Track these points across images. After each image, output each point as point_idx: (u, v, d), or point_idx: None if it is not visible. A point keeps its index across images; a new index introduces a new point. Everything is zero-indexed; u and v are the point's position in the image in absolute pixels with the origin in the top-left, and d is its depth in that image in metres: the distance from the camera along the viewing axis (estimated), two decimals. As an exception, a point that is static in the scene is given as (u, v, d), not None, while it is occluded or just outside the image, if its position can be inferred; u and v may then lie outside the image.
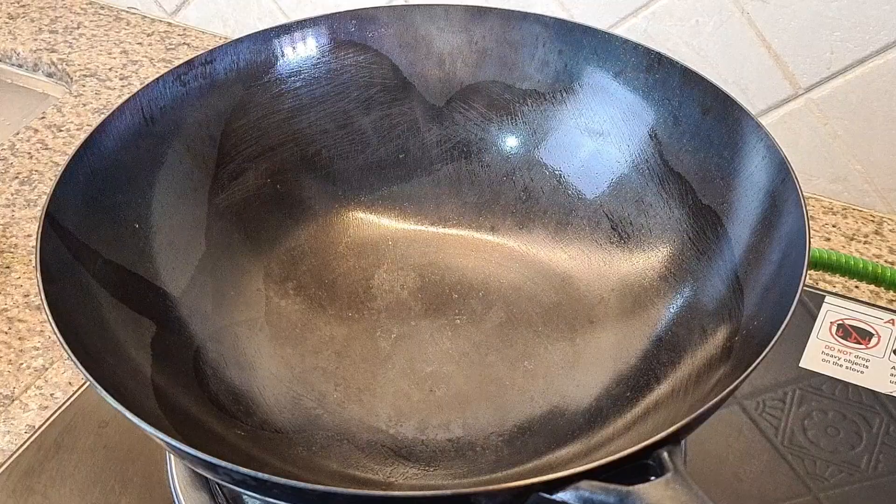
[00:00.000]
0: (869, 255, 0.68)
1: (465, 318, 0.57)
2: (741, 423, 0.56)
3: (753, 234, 0.51)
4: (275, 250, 0.59)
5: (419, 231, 0.62)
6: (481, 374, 0.55)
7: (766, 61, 0.69)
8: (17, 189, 0.74)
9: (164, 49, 0.90)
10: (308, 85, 0.60)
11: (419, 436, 0.52)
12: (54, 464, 0.54)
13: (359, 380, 0.54)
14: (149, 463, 0.54)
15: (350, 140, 0.61)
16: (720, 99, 0.54)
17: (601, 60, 0.58)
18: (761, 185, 0.51)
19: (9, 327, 0.63)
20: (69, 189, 0.50)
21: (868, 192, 0.72)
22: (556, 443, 0.51)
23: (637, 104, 0.58)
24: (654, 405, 0.50)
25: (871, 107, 0.68)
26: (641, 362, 0.53)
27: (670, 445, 0.38)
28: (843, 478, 0.54)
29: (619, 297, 0.57)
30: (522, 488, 0.37)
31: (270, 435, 0.51)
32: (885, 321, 0.62)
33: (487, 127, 0.62)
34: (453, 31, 0.61)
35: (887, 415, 0.57)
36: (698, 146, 0.55)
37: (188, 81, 0.56)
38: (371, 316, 0.58)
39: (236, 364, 0.54)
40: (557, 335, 0.56)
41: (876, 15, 0.64)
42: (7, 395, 0.59)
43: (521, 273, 0.60)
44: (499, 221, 0.62)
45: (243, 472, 0.38)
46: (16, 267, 0.67)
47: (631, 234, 0.58)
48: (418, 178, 0.62)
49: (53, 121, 0.81)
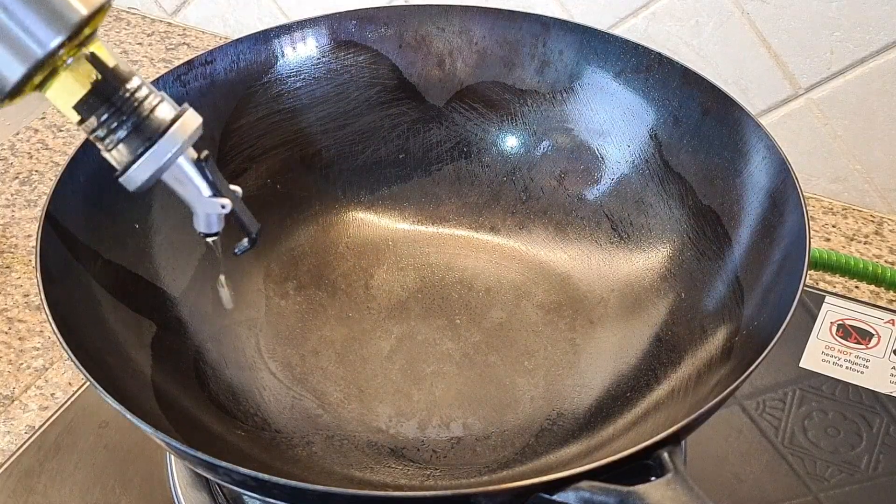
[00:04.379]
0: (869, 256, 0.68)
1: (465, 318, 0.57)
2: (741, 423, 0.56)
3: (753, 234, 0.51)
4: (275, 250, 0.59)
5: (419, 231, 0.62)
6: (481, 374, 0.55)
7: (766, 61, 0.69)
8: (17, 189, 0.74)
9: (164, 49, 0.90)
10: (308, 85, 0.60)
11: (419, 436, 0.52)
12: (54, 464, 0.54)
13: (359, 380, 0.54)
14: (149, 463, 0.54)
15: (350, 140, 0.61)
16: (720, 99, 0.54)
17: (601, 60, 0.58)
18: (761, 185, 0.51)
19: (9, 327, 0.63)
20: (69, 189, 0.50)
21: (868, 192, 0.72)
22: (556, 443, 0.51)
23: (637, 104, 0.58)
24: (654, 405, 0.50)
25: (871, 107, 0.68)
26: (641, 362, 0.53)
27: (670, 446, 0.38)
28: (843, 478, 0.54)
29: (619, 297, 0.57)
30: (522, 488, 0.37)
31: (270, 435, 0.51)
32: (885, 321, 0.62)
33: (487, 127, 0.62)
34: (453, 31, 0.61)
35: (887, 415, 0.57)
36: (698, 146, 0.55)
37: (188, 81, 0.56)
38: (371, 316, 0.58)
39: (236, 364, 0.54)
40: (557, 335, 0.56)
41: (876, 15, 0.64)
42: (7, 396, 0.59)
43: (521, 273, 0.60)
44: (499, 221, 0.62)
45: (243, 472, 0.38)
46: (16, 267, 0.67)
47: (631, 234, 0.58)
48: (418, 178, 0.62)
49: (53, 121, 0.81)
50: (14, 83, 0.36)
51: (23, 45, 0.36)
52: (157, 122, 0.39)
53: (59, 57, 0.37)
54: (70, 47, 0.37)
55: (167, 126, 0.39)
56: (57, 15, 0.36)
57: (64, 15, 0.36)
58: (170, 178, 0.41)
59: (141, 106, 0.39)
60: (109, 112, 0.39)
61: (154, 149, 0.39)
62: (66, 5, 0.36)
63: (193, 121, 0.40)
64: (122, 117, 0.39)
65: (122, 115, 0.39)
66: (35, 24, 0.36)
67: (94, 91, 0.38)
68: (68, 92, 0.38)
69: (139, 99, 0.39)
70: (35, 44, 0.36)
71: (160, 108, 0.39)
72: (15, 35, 0.36)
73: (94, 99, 0.38)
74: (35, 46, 0.36)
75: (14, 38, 0.36)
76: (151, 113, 0.39)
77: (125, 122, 0.39)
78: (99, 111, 0.39)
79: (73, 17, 0.36)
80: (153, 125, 0.39)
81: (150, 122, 0.39)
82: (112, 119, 0.39)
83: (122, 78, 0.39)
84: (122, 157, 0.40)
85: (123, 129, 0.39)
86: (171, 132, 0.39)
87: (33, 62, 0.36)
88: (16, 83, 0.36)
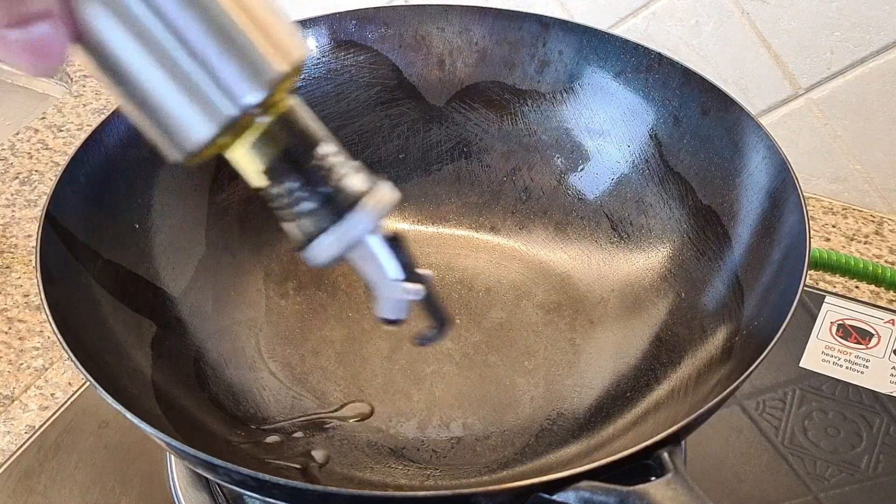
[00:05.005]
0: (869, 255, 0.68)
1: (465, 318, 0.57)
2: (741, 423, 0.56)
3: (753, 234, 0.51)
4: (275, 250, 0.59)
5: (419, 231, 0.62)
6: (481, 374, 0.55)
7: (766, 61, 0.69)
8: (17, 189, 0.74)
9: (164, 49, 0.90)
10: (308, 85, 0.60)
11: (419, 436, 0.52)
12: (54, 464, 0.54)
13: (359, 380, 0.54)
14: (149, 463, 0.54)
15: (350, 140, 0.61)
16: (720, 99, 0.54)
17: (601, 60, 0.58)
18: (761, 185, 0.51)
19: (9, 327, 0.63)
20: (69, 189, 0.50)
21: (868, 192, 0.71)
22: (556, 443, 0.51)
23: (637, 104, 0.58)
24: (654, 405, 0.50)
25: (871, 107, 0.68)
26: (641, 362, 0.53)
27: (670, 446, 0.38)
28: (843, 478, 0.54)
29: (619, 297, 0.57)
30: (522, 488, 0.37)
31: (270, 435, 0.51)
32: (885, 321, 0.62)
33: (487, 127, 0.62)
34: (453, 31, 0.61)
35: (887, 415, 0.57)
36: (698, 146, 0.55)
37: (188, 81, 0.56)
38: (371, 316, 0.58)
39: (236, 364, 0.54)
40: (557, 335, 0.56)
41: (876, 15, 0.64)
42: (7, 395, 0.59)
43: (521, 273, 0.60)
44: (499, 221, 0.62)
45: (243, 472, 0.38)
46: (16, 267, 0.67)
47: (631, 234, 0.58)
48: (418, 178, 0.62)
49: (53, 121, 0.81)
50: (200, 144, 0.32)
51: (213, 102, 0.31)
52: (347, 195, 0.34)
53: (251, 116, 0.32)
54: (263, 106, 0.32)
55: (358, 199, 0.34)
56: (255, 69, 0.31)
57: (262, 70, 0.31)
58: (355, 256, 0.36)
59: (331, 175, 0.34)
60: (297, 180, 0.34)
61: (342, 225, 0.34)
62: (265, 59, 0.31)
63: (389, 196, 0.35)
64: (311, 186, 0.34)
65: (311, 184, 0.34)
66: (231, 78, 0.31)
67: (283, 156, 0.34)
68: (255, 155, 0.34)
69: (330, 166, 0.34)
70: (228, 101, 0.31)
71: (352, 179, 0.35)
72: (205, 90, 0.31)
73: (281, 164, 0.34)
74: (228, 104, 0.31)
75: (204, 94, 0.31)
76: (341, 182, 0.34)
77: (314, 192, 0.34)
78: (285, 178, 0.34)
79: (272, 74, 0.32)
80: (343, 198, 0.34)
81: (340, 195, 0.34)
82: (300, 189, 0.34)
83: (313, 142, 0.34)
84: (304, 230, 0.35)
85: (311, 200, 0.34)
86: (363, 208, 0.34)
87: (224, 121, 0.31)
88: (202, 144, 0.32)
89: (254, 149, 0.34)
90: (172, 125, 0.32)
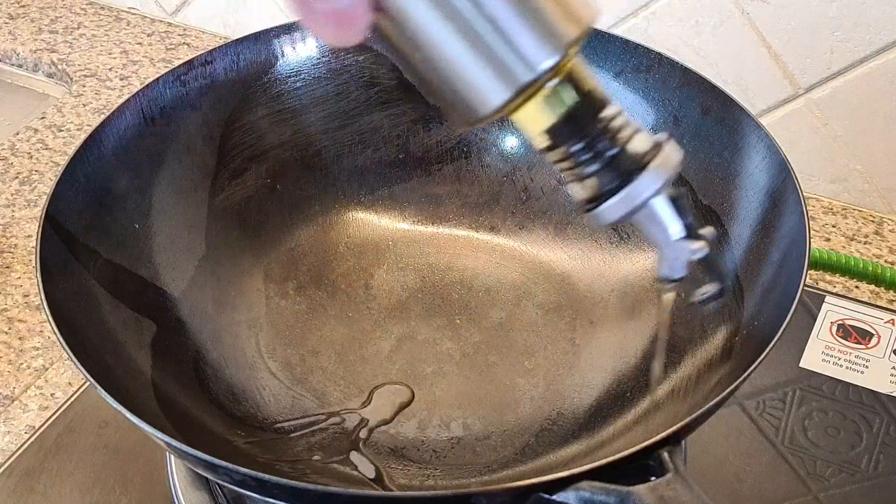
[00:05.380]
0: (869, 255, 0.68)
1: (465, 318, 0.57)
2: (741, 423, 0.56)
3: (753, 234, 0.51)
4: (275, 250, 0.59)
5: (419, 231, 0.62)
6: (481, 374, 0.55)
7: (766, 61, 0.69)
8: (17, 189, 0.74)
9: (164, 49, 0.90)
10: (308, 85, 0.60)
11: (419, 435, 0.52)
12: (54, 464, 0.54)
13: (359, 380, 0.54)
14: (149, 463, 0.54)
15: (350, 140, 0.61)
16: (720, 99, 0.54)
17: (601, 60, 0.58)
18: (761, 185, 0.51)
19: (9, 327, 0.63)
20: (69, 189, 0.50)
21: (868, 192, 0.71)
22: (556, 443, 0.51)
23: (637, 104, 0.58)
24: (655, 405, 0.50)
25: (871, 107, 0.68)
26: (641, 362, 0.53)
27: (671, 446, 0.38)
28: (843, 478, 0.54)
29: (619, 297, 0.57)
30: (522, 488, 0.37)
31: (270, 435, 0.51)
32: (885, 321, 0.62)
33: (487, 127, 0.62)
34: (453, 31, 0.61)
35: (887, 415, 0.57)
36: (698, 146, 0.55)
37: (188, 81, 0.56)
38: (371, 316, 0.58)
39: (236, 364, 0.54)
40: (557, 335, 0.56)
41: (876, 15, 0.64)
42: (7, 395, 0.59)
43: (521, 273, 0.60)
44: (499, 221, 0.62)
45: (243, 472, 0.38)
46: (16, 267, 0.67)
47: (631, 234, 0.58)
48: (418, 178, 0.62)
49: (53, 121, 0.81)
50: (494, 108, 0.32)
51: (509, 68, 0.32)
52: (634, 156, 0.34)
53: (542, 80, 0.33)
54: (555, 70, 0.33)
55: (646, 161, 0.35)
56: (551, 34, 0.32)
57: (557, 34, 0.32)
58: (641, 216, 0.36)
59: (617, 136, 0.34)
60: (582, 141, 0.34)
61: (630, 187, 0.34)
62: (559, 24, 0.32)
63: (675, 156, 0.35)
64: (596, 148, 0.34)
65: (596, 145, 0.34)
66: (526, 44, 0.31)
67: (569, 117, 0.34)
68: (541, 117, 0.34)
69: (615, 128, 0.34)
70: (524, 65, 0.32)
71: (637, 140, 0.35)
72: (503, 56, 0.32)
73: (567, 126, 0.34)
74: (524, 69, 0.32)
75: (501, 60, 0.32)
76: (627, 144, 0.34)
77: (599, 153, 0.34)
78: (570, 139, 0.34)
79: (566, 37, 0.32)
80: (630, 159, 0.34)
81: (626, 156, 0.34)
82: (585, 150, 0.34)
83: (599, 104, 0.34)
84: (590, 191, 0.35)
85: (596, 161, 0.35)
86: (651, 170, 0.35)
87: (519, 86, 0.32)
88: (496, 109, 0.32)
89: (540, 111, 0.34)
90: (467, 91, 0.33)
